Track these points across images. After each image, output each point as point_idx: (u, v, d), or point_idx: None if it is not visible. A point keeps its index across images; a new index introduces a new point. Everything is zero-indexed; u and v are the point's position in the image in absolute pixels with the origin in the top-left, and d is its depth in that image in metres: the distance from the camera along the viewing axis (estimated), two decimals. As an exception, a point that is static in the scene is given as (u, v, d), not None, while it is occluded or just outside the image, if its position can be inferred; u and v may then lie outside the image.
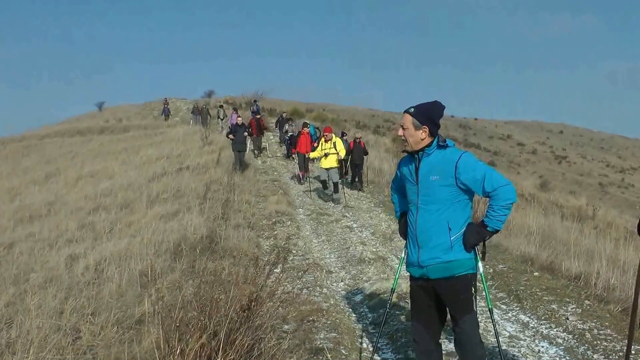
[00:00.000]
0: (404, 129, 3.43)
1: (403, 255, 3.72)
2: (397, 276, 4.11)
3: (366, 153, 16.22)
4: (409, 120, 3.39)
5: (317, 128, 20.63)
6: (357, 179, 15.95)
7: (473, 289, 3.43)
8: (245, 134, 16.63)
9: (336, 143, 13.49)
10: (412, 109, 3.41)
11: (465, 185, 3.31)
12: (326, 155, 13.43)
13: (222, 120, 29.64)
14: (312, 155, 14.26)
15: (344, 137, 17.61)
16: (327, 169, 13.60)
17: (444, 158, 3.35)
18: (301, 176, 16.42)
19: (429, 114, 3.40)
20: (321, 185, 14.47)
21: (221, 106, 31.07)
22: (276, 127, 26.65)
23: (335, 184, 13.55)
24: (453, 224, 3.35)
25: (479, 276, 3.53)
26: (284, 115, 26.07)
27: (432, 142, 3.40)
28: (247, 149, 15.71)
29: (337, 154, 13.39)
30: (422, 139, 3.39)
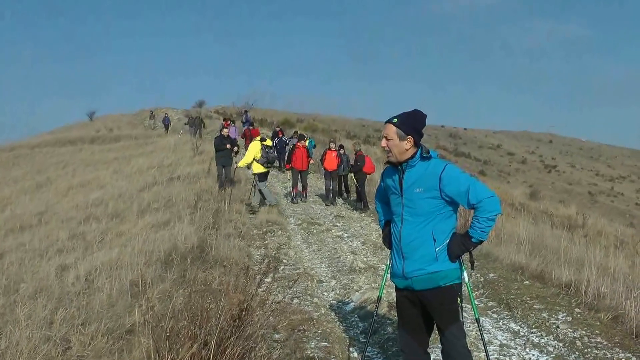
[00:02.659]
0: (387, 139, 3.40)
1: (388, 262, 3.73)
2: (382, 284, 4.12)
3: (365, 169, 14.42)
4: (392, 130, 3.36)
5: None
6: (361, 199, 14.47)
7: (459, 299, 3.43)
8: (228, 145, 14.33)
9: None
10: (396, 119, 3.38)
11: (450, 197, 3.29)
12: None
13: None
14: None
15: (341, 150, 15.79)
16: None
17: (428, 170, 3.33)
18: (294, 194, 15.02)
19: (413, 124, 3.38)
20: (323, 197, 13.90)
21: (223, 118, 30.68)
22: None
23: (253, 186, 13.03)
24: (438, 235, 3.34)
25: (464, 286, 3.54)
26: (277, 129, 24.38)
27: (415, 153, 3.38)
28: (233, 163, 14.20)
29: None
30: (407, 149, 3.37)
